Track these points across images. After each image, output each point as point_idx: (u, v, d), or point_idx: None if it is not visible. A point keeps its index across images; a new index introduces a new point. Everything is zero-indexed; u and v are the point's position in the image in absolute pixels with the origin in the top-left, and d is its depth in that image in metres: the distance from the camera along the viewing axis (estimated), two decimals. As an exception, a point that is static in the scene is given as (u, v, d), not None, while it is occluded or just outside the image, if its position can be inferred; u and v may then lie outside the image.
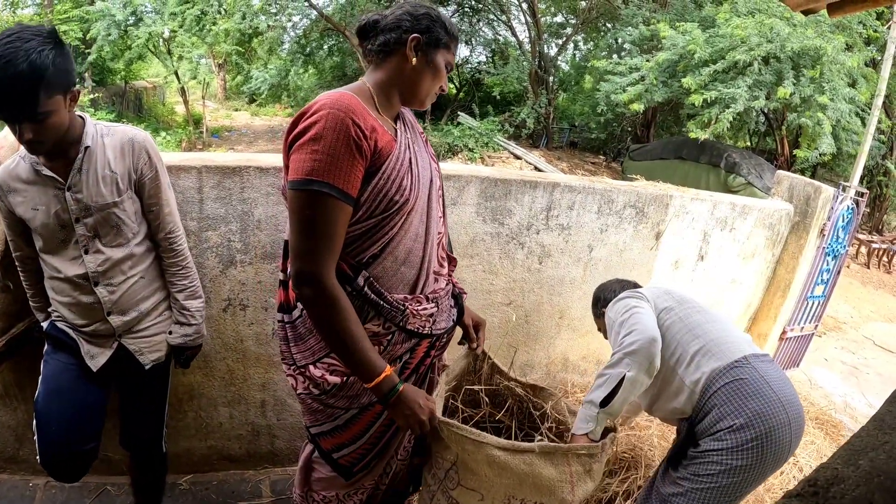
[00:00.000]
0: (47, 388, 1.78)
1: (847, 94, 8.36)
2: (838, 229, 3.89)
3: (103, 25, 12.28)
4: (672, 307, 1.99)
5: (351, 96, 1.35)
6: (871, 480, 0.46)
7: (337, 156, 1.28)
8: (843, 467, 0.48)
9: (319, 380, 1.49)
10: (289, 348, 1.54)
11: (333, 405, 1.53)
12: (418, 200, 1.46)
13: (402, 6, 1.46)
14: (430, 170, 1.54)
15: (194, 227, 2.15)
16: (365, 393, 1.51)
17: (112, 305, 1.76)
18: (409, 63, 1.43)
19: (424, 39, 1.42)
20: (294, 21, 14.89)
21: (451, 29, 1.47)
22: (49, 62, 1.41)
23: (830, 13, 2.21)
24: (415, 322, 1.53)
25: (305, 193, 1.30)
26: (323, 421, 1.57)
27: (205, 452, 2.51)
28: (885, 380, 4.73)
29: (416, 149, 1.51)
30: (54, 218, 1.66)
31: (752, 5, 9.22)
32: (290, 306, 1.52)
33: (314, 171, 1.28)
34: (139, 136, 1.74)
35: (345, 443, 1.59)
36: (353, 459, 1.61)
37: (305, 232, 1.32)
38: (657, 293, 2.07)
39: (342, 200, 1.31)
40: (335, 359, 1.48)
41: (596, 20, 15.72)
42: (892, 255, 9.79)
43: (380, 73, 1.46)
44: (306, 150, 1.29)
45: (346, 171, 1.30)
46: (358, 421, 1.56)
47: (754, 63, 8.29)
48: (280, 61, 16.10)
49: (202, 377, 2.37)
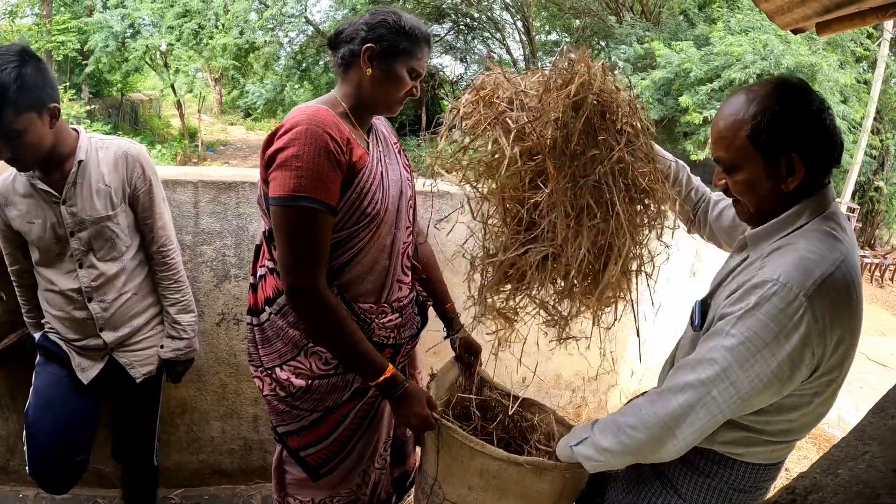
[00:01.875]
0: (38, 400, 1.78)
1: (840, 112, 8.47)
2: (829, 245, 3.91)
3: (101, 37, 12.39)
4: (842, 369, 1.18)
5: (325, 110, 1.37)
6: (849, 489, 0.47)
7: (319, 171, 1.31)
8: (822, 476, 0.49)
9: (285, 382, 1.51)
10: (256, 350, 1.57)
11: (299, 407, 1.55)
12: (387, 213, 1.49)
13: (365, 15, 1.46)
14: (400, 182, 1.56)
15: (190, 241, 2.16)
16: (329, 397, 1.54)
17: (105, 322, 1.76)
18: (366, 74, 1.42)
19: (379, 49, 1.41)
20: (290, 37, 15.01)
21: (412, 33, 1.43)
22: (11, 80, 1.40)
23: (819, 32, 2.25)
24: (380, 334, 1.55)
25: (292, 209, 1.32)
26: (289, 421, 1.59)
27: (197, 466, 2.49)
28: (879, 394, 4.65)
29: (387, 161, 1.53)
30: (50, 231, 1.66)
31: (745, 24, 9.35)
32: (258, 309, 1.55)
33: (299, 188, 1.30)
34: (133, 149, 1.74)
35: (311, 442, 1.60)
36: (319, 459, 1.62)
37: (294, 246, 1.35)
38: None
39: (327, 212, 1.34)
40: (301, 362, 1.51)
41: (590, 38, 15.89)
42: (884, 270, 9.86)
43: (345, 85, 1.48)
44: (288, 167, 1.31)
45: (328, 184, 1.33)
46: (323, 423, 1.58)
47: (750, 81, 8.38)
48: (276, 76, 16.20)
49: (195, 391, 2.36)
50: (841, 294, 1.07)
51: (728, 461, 1.25)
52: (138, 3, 13.15)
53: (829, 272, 1.05)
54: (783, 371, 1.06)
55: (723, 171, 1.24)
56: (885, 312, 8.13)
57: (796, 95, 1.14)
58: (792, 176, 1.13)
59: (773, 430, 1.20)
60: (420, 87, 1.51)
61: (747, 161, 1.16)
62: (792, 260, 1.08)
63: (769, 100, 1.13)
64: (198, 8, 12.58)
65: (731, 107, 1.18)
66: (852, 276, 1.10)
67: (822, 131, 1.13)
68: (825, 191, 1.17)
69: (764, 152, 1.14)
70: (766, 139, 1.13)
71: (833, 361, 1.11)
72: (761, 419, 1.18)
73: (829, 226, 1.14)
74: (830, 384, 1.15)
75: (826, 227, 1.13)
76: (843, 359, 1.13)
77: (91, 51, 12.67)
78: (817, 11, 2.05)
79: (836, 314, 1.06)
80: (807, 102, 1.13)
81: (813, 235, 1.12)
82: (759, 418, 1.17)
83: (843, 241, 1.13)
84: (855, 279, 1.10)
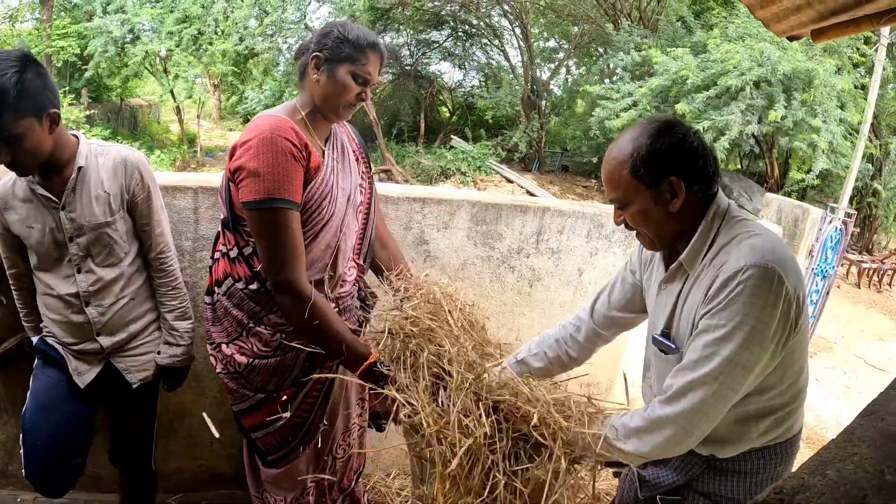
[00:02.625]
0: (35, 403, 1.79)
1: (838, 116, 8.49)
2: (827, 250, 3.94)
3: (100, 42, 12.41)
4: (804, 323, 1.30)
5: (284, 120, 1.49)
6: (836, 489, 0.48)
7: (284, 173, 1.44)
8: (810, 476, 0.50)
9: (230, 358, 1.63)
10: (209, 328, 1.69)
11: (245, 386, 1.66)
12: (333, 218, 1.61)
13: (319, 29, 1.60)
14: (350, 190, 1.68)
15: (189, 246, 2.17)
16: (271, 380, 1.65)
17: (101, 326, 1.77)
18: (314, 80, 1.55)
19: (324, 56, 1.53)
20: (290, 43, 15.04)
21: (356, 41, 1.53)
22: (11, 85, 1.41)
23: (814, 39, 2.27)
24: None
25: (266, 211, 1.44)
26: (240, 400, 1.70)
27: (195, 471, 2.49)
28: (876, 400, 4.74)
29: (340, 170, 1.65)
30: (49, 236, 1.67)
31: (741, 31, 9.39)
32: (211, 290, 1.67)
33: (268, 190, 1.43)
34: (132, 156, 1.75)
35: (260, 425, 1.70)
36: (269, 444, 1.73)
37: (273, 246, 1.47)
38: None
39: (295, 210, 1.47)
40: (243, 342, 1.62)
41: (588, 45, 15.95)
42: (882, 275, 9.87)
43: (302, 94, 1.61)
44: (257, 174, 1.43)
45: (293, 184, 1.46)
46: (267, 405, 1.67)
47: (746, 88, 8.41)
48: (275, 82, 16.23)
49: (193, 396, 2.36)
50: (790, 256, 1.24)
51: (767, 450, 1.36)
52: (138, 8, 13.17)
53: (775, 242, 1.23)
54: (778, 333, 1.19)
55: (618, 209, 1.38)
56: (883, 317, 8.14)
57: (664, 129, 1.30)
58: (676, 197, 1.29)
59: (789, 398, 1.33)
60: (368, 93, 1.60)
61: (635, 194, 1.31)
62: (745, 248, 1.22)
63: (641, 138, 1.30)
64: (197, 14, 12.60)
65: (613, 152, 1.34)
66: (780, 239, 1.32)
67: (691, 153, 1.29)
68: (717, 198, 1.34)
69: (646, 183, 1.29)
70: (644, 171, 1.28)
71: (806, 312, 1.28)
72: (775, 394, 1.31)
73: (739, 216, 1.32)
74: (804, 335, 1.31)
75: (739, 217, 1.32)
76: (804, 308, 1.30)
77: (90, 56, 12.68)
78: (812, 18, 2.07)
79: (797, 272, 1.22)
80: (673, 132, 1.29)
81: (739, 228, 1.29)
82: (773, 393, 1.30)
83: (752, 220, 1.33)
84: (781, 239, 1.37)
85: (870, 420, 0.63)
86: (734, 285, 1.18)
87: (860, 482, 0.50)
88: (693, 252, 1.32)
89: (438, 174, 13.34)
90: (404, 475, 2.63)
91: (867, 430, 0.61)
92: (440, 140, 16.16)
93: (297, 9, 13.41)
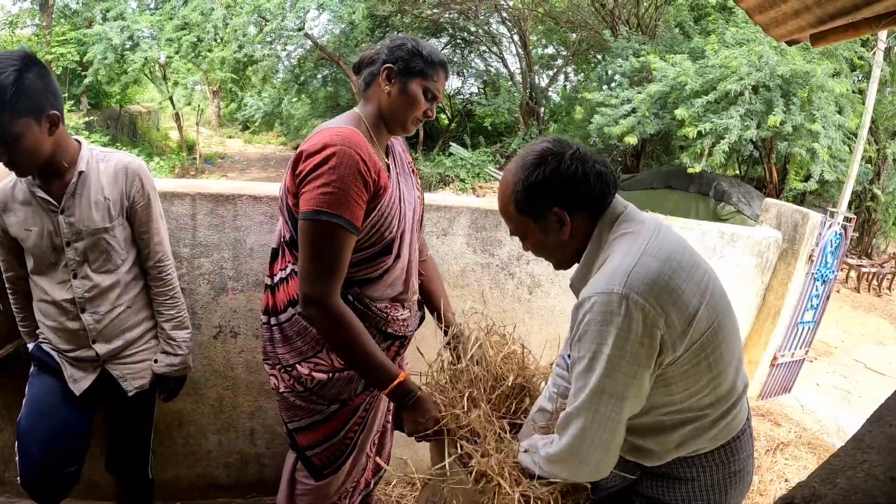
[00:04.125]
0: (30, 410, 1.78)
1: (836, 121, 8.50)
2: (827, 255, 3.93)
3: (100, 49, 12.40)
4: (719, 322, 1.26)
5: (355, 132, 1.45)
6: (848, 498, 0.47)
7: (348, 191, 1.40)
8: (821, 485, 0.49)
9: (306, 377, 1.60)
10: (274, 349, 1.65)
11: (316, 401, 1.64)
12: (405, 234, 1.61)
13: (386, 41, 1.57)
14: (414, 202, 1.68)
15: (187, 253, 2.15)
16: (346, 388, 1.64)
17: (97, 333, 1.76)
18: (384, 92, 1.53)
19: (397, 68, 1.52)
20: (289, 50, 15.08)
21: (428, 57, 1.54)
22: (9, 83, 1.40)
23: (813, 43, 2.28)
24: (394, 326, 1.67)
25: (319, 224, 1.41)
26: (302, 417, 1.67)
27: (193, 480, 2.47)
28: (878, 403, 4.68)
29: (403, 183, 1.64)
30: (47, 239, 1.67)
31: (739, 36, 9.41)
32: (277, 310, 1.63)
33: (328, 204, 1.39)
34: (133, 163, 1.75)
35: (320, 440, 1.68)
36: (324, 459, 1.71)
37: (315, 259, 1.43)
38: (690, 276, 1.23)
39: (350, 231, 1.43)
40: (322, 358, 1.60)
41: (586, 52, 15.98)
42: (881, 279, 9.86)
43: (368, 105, 1.58)
44: (319, 183, 1.39)
45: (353, 204, 1.42)
46: (337, 416, 1.67)
47: (745, 92, 8.41)
48: (274, 90, 16.28)
49: (191, 404, 2.35)
50: (658, 273, 1.16)
51: (697, 459, 1.32)
52: (137, 15, 13.19)
53: (631, 265, 1.17)
54: (640, 357, 1.15)
55: (521, 239, 1.40)
56: (883, 321, 8.12)
57: (538, 161, 1.27)
58: (563, 226, 1.29)
59: (706, 408, 1.27)
60: (434, 110, 1.61)
61: (526, 228, 1.33)
62: (597, 277, 1.21)
63: (519, 172, 1.29)
64: (197, 21, 12.60)
65: (501, 186, 1.35)
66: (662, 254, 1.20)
67: (567, 180, 1.26)
68: (608, 210, 1.30)
69: (532, 217, 1.30)
70: (526, 206, 1.29)
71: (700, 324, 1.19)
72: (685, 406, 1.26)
73: (623, 230, 1.27)
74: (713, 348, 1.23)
75: (622, 232, 1.27)
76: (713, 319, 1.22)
77: (90, 62, 12.67)
78: (811, 23, 2.08)
79: (660, 292, 1.15)
80: (547, 162, 1.27)
81: (614, 247, 1.25)
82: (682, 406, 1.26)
83: (640, 232, 1.25)
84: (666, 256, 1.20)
85: (878, 426, 0.62)
86: (581, 315, 1.18)
87: (871, 490, 0.49)
88: (580, 274, 1.33)
89: (437, 181, 13.33)
90: (403, 484, 2.61)
91: (875, 436, 0.60)
92: (439, 147, 16.15)
93: (297, 16, 13.41)
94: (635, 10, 13.58)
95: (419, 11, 14.68)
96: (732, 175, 13.31)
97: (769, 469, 3.21)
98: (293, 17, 13.23)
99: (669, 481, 1.36)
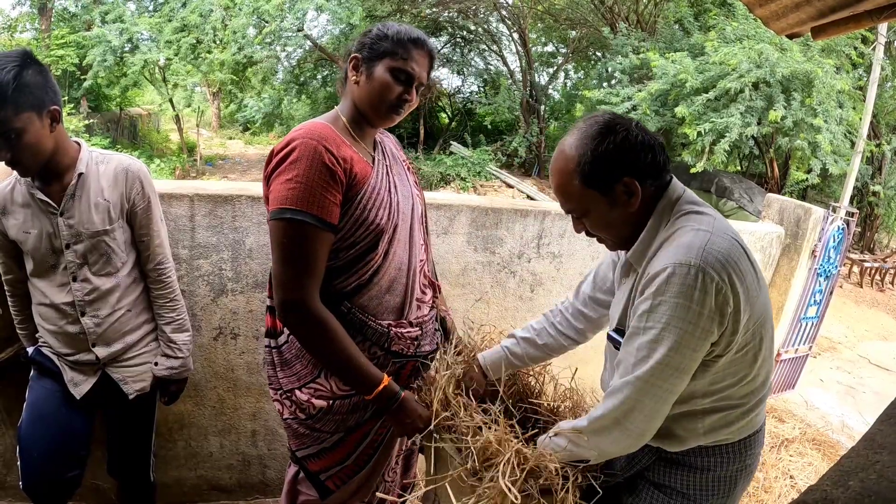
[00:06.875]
0: (31, 414, 1.78)
1: (838, 116, 8.47)
2: (829, 250, 3.91)
3: (99, 51, 12.40)
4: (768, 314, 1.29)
5: (324, 125, 1.39)
6: (861, 502, 0.45)
7: (312, 185, 1.32)
8: (833, 489, 0.47)
9: (305, 404, 1.50)
10: (275, 373, 1.56)
11: (320, 429, 1.54)
12: (399, 229, 1.49)
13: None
14: (411, 198, 1.57)
15: (186, 255, 2.14)
16: (351, 416, 1.53)
17: (97, 337, 1.75)
18: (353, 83, 1.46)
19: (362, 56, 1.44)
20: (288, 51, 15.06)
21: (395, 36, 1.42)
22: (10, 79, 1.41)
23: (814, 36, 2.26)
24: (399, 344, 1.55)
25: (284, 223, 1.33)
26: (310, 444, 1.58)
27: (195, 482, 2.46)
28: (882, 398, 4.70)
29: (395, 177, 1.54)
30: (46, 242, 1.66)
31: (739, 32, 9.37)
32: (276, 332, 1.55)
33: (290, 200, 1.32)
34: (134, 165, 1.75)
35: (332, 465, 1.59)
36: (339, 481, 1.61)
37: (286, 260, 1.35)
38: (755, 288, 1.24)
39: (320, 227, 1.34)
40: (321, 384, 1.50)
41: (586, 49, 15.95)
42: (884, 274, 9.83)
43: (344, 101, 1.51)
44: (282, 180, 1.32)
45: (322, 198, 1.33)
46: (345, 443, 1.57)
47: (745, 89, 8.38)
48: (274, 91, 16.24)
49: (192, 406, 2.34)
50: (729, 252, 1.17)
51: (718, 449, 1.33)
52: (136, 17, 13.20)
53: (705, 240, 1.17)
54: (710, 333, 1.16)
55: (576, 219, 1.35)
56: (886, 316, 8.10)
57: (606, 129, 1.24)
58: (633, 196, 1.25)
59: (740, 396, 1.29)
60: (414, 93, 1.48)
61: (591, 203, 1.28)
62: (672, 249, 1.18)
63: (583, 144, 1.24)
64: (196, 23, 12.59)
65: (559, 162, 1.29)
66: (729, 234, 1.22)
67: (635, 146, 1.23)
68: (669, 187, 1.29)
69: (600, 189, 1.25)
70: (595, 177, 1.24)
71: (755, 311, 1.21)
72: (723, 394, 1.28)
73: (687, 209, 1.26)
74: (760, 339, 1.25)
75: (685, 210, 1.26)
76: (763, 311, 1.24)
77: (89, 65, 12.68)
78: (812, 16, 2.06)
79: (732, 271, 1.15)
80: (616, 130, 1.24)
81: (680, 223, 1.24)
82: (722, 394, 1.27)
83: (707, 212, 1.26)
84: (732, 237, 1.22)
85: (889, 425, 0.61)
86: (656, 286, 1.17)
87: (885, 493, 0.47)
88: (640, 249, 1.29)
89: (438, 180, 13.31)
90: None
91: (887, 435, 0.58)
92: (440, 146, 16.15)
93: (296, 18, 13.39)
94: (634, 7, 13.55)
95: (418, 11, 14.66)
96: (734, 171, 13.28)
97: (774, 466, 3.20)
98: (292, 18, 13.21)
99: (683, 469, 1.36)
